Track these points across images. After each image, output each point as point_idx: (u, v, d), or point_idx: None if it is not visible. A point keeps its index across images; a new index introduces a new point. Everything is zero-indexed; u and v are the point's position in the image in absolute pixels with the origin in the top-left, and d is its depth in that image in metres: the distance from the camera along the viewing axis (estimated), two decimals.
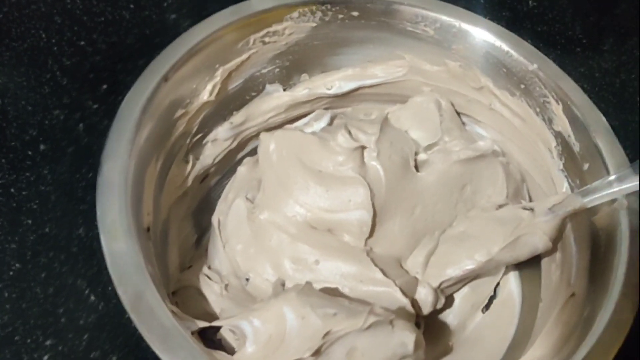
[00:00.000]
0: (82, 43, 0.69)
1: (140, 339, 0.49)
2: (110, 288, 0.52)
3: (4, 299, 0.52)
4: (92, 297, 0.52)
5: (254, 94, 0.57)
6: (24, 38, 0.69)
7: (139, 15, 0.72)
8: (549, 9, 0.79)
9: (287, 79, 0.58)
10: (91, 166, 0.59)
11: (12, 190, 0.58)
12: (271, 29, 0.53)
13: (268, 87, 0.57)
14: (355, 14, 0.55)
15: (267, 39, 0.54)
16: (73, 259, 0.54)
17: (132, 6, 0.73)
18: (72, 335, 0.50)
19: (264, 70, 0.56)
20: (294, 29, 0.54)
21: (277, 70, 0.57)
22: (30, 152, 0.60)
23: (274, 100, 0.57)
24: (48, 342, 0.50)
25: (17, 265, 0.54)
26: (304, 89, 0.58)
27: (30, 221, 0.56)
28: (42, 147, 0.60)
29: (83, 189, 0.58)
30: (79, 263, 0.54)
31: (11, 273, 0.53)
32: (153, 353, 0.36)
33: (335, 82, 0.59)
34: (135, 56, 0.68)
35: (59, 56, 0.67)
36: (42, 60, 0.67)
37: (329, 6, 0.54)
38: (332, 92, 0.59)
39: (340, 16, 0.55)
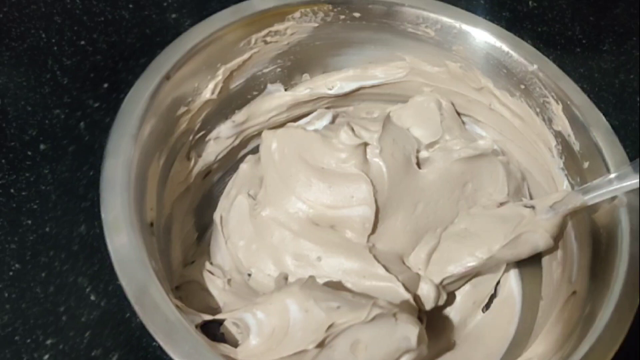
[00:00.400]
0: (82, 43, 0.69)
1: (141, 337, 0.50)
2: (111, 286, 0.52)
3: (4, 299, 0.52)
4: (94, 295, 0.52)
5: (255, 93, 0.57)
6: (24, 38, 0.69)
7: (139, 15, 0.73)
8: (548, 9, 0.79)
9: (288, 79, 0.58)
10: (92, 164, 0.59)
11: (12, 190, 0.58)
12: (273, 29, 0.53)
13: (269, 86, 0.57)
14: (356, 15, 0.55)
15: (268, 39, 0.54)
16: (74, 257, 0.54)
17: (131, 6, 0.73)
18: (73, 334, 0.50)
19: (266, 70, 0.56)
20: (295, 29, 0.54)
21: (279, 70, 0.57)
22: (30, 152, 0.60)
23: (276, 99, 0.57)
24: (48, 341, 0.50)
25: (17, 265, 0.53)
26: (305, 89, 0.58)
27: (30, 221, 0.56)
28: (42, 146, 0.60)
29: (84, 186, 0.58)
30: (79, 261, 0.54)
31: (11, 273, 0.53)
32: (154, 351, 0.36)
33: (337, 82, 0.59)
34: (136, 55, 0.68)
35: (59, 56, 0.67)
36: (42, 60, 0.67)
37: (330, 7, 0.54)
38: (333, 92, 0.59)
39: (342, 17, 0.55)
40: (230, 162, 0.57)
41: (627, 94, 0.71)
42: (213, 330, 0.42)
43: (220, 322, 0.42)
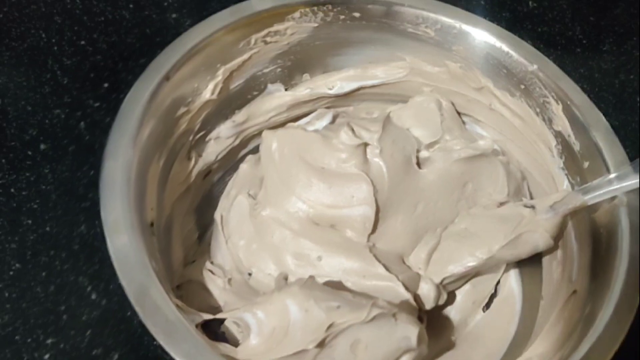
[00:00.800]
0: (83, 42, 0.69)
1: (142, 335, 0.50)
2: (112, 285, 0.52)
3: (4, 299, 0.52)
4: (94, 294, 0.52)
5: (255, 93, 0.57)
6: (24, 38, 0.69)
7: (139, 15, 0.73)
8: (548, 9, 0.79)
9: (288, 79, 0.58)
10: (92, 164, 0.59)
11: (12, 190, 0.58)
12: (272, 29, 0.53)
13: (270, 86, 0.57)
14: (356, 14, 0.55)
15: (268, 39, 0.54)
16: (74, 256, 0.54)
17: (131, 6, 0.73)
18: (74, 333, 0.50)
19: (266, 70, 0.56)
20: (295, 29, 0.54)
21: (279, 70, 0.57)
22: (30, 152, 0.60)
23: (276, 99, 0.57)
24: (49, 341, 0.50)
25: (17, 265, 0.54)
26: (305, 89, 0.58)
27: (30, 221, 0.56)
28: (42, 146, 0.60)
29: (84, 186, 0.58)
30: (80, 261, 0.54)
31: (11, 273, 0.53)
32: (155, 349, 0.36)
33: (337, 82, 0.59)
34: (136, 55, 0.68)
35: (59, 56, 0.68)
36: (42, 60, 0.67)
37: (330, 7, 0.54)
38: (333, 92, 0.59)
39: (342, 17, 0.55)
40: (230, 162, 0.57)
41: (627, 94, 0.71)
42: (214, 329, 0.42)
43: (221, 321, 0.42)
